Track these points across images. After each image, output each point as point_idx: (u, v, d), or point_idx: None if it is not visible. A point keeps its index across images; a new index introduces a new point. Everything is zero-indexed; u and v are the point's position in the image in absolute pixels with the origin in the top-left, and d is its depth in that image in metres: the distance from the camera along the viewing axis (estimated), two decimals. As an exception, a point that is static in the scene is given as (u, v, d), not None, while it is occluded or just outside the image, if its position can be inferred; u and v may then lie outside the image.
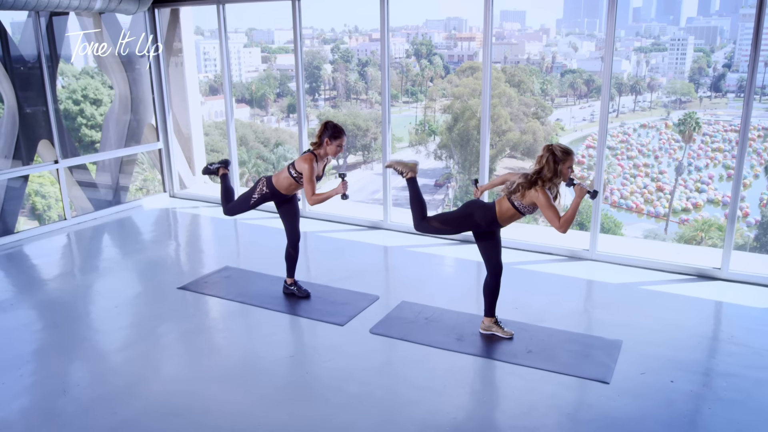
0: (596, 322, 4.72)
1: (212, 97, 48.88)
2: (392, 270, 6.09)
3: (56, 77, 7.28)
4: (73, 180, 8.04)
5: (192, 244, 6.95)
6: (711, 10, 52.44)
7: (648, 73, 49.39)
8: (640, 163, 40.49)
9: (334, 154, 4.64)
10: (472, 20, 58.92)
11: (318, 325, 4.72)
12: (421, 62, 52.66)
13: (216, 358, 4.34)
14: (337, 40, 56.52)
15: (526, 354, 4.21)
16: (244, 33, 58.58)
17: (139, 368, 4.15)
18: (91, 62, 30.35)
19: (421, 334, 4.50)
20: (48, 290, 5.56)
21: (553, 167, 3.94)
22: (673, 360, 4.08)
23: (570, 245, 6.00)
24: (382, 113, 6.55)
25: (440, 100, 46.36)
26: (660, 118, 45.84)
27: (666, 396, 3.70)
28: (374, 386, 3.92)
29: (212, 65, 52.04)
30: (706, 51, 48.54)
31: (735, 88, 44.75)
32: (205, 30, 52.39)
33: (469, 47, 54.79)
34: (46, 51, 6.82)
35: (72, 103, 30.64)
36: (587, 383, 3.85)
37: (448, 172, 39.97)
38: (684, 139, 38.96)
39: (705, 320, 4.77)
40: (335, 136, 4.60)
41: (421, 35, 55.74)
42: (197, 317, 4.95)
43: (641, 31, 51.90)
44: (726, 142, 41.32)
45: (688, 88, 47.11)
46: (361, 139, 43.87)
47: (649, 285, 5.30)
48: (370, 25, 55.80)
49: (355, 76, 52.51)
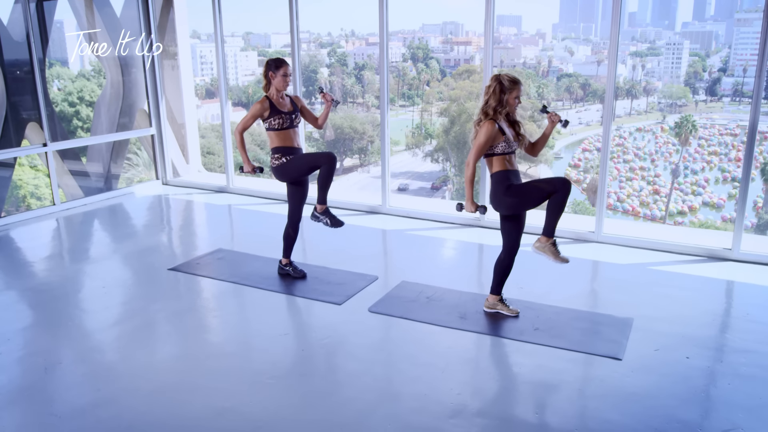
0: (605, 301, 4.53)
1: (208, 101, 48.63)
2: (391, 252, 5.89)
3: (45, 59, 7.06)
4: (64, 168, 7.83)
5: (184, 228, 6.74)
6: (706, 15, 52.53)
7: (644, 77, 49.46)
8: (636, 166, 40.46)
9: (283, 85, 4.51)
10: (468, 24, 58.94)
11: (314, 304, 4.52)
12: (418, 66, 52.59)
13: (206, 336, 4.13)
14: (334, 44, 56.43)
15: (533, 331, 4.01)
16: (241, 37, 58.45)
17: (124, 347, 3.94)
18: (87, 64, 30.17)
19: (423, 313, 4.30)
20: (34, 272, 5.34)
21: (498, 96, 3.81)
22: (687, 337, 3.89)
23: (575, 228, 5.81)
24: (381, 115, 6.40)
25: (437, 104, 46.31)
26: (656, 122, 45.88)
27: (682, 372, 3.51)
28: (373, 363, 3.72)
29: (209, 69, 51.86)
30: (701, 55, 48.62)
31: (730, 92, 44.81)
32: (201, 34, 52.24)
33: (465, 51, 54.79)
34: (35, 32, 6.62)
35: (68, 105, 30.43)
36: (598, 359, 3.66)
37: (444, 174, 39.86)
38: (680, 141, 38.95)
39: (718, 299, 4.59)
40: (278, 66, 4.48)
41: (417, 39, 55.67)
42: (188, 297, 4.74)
43: (637, 35, 52.00)
44: (722, 146, 41.35)
45: (683, 92, 47.17)
46: (358, 143, 43.71)
47: (657, 266, 5.11)
48: (367, 30, 55.71)
49: (352, 79, 52.41)
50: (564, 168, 41.40)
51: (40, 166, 14.39)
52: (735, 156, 39.32)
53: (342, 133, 43.09)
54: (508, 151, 3.89)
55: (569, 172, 40.23)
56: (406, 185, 40.13)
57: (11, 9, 6.88)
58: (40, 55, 6.76)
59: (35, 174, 16.61)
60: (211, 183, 7.97)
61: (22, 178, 15.44)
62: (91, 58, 30.31)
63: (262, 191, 7.47)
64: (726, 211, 34.82)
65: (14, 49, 6.68)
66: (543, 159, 40.19)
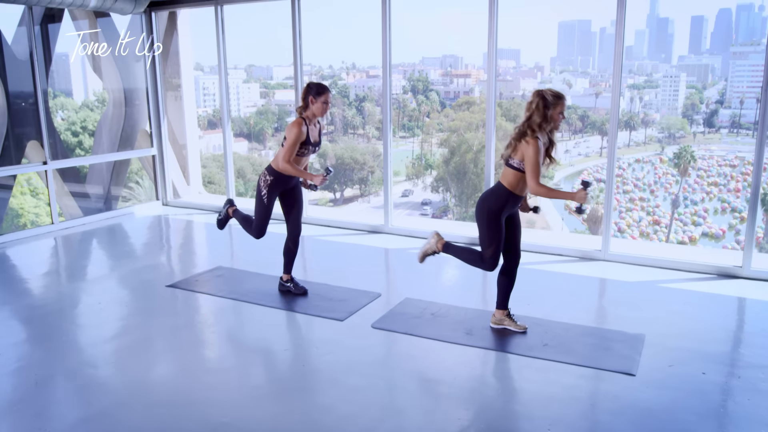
0: (615, 318, 4.41)
1: (211, 131, 48.92)
2: (394, 270, 5.78)
3: (48, 76, 7.05)
4: (64, 189, 7.76)
5: (184, 247, 6.63)
6: (702, 49, 53.30)
7: (642, 109, 49.89)
8: (636, 197, 40.50)
9: (321, 112, 4.38)
10: (467, 58, 59.72)
11: (315, 320, 4.39)
12: (418, 98, 53.09)
13: (203, 351, 4.00)
14: (335, 77, 57.07)
15: (542, 347, 3.88)
16: (243, 69, 59.12)
17: (118, 361, 3.80)
18: (91, 95, 30.43)
19: (428, 329, 4.18)
20: (28, 288, 5.23)
21: (543, 112, 3.67)
22: (702, 353, 3.76)
23: (581, 246, 5.72)
24: (383, 145, 6.39)
25: (437, 135, 46.58)
26: (655, 153, 46.10)
27: (698, 387, 3.37)
28: (377, 378, 3.58)
29: (211, 100, 52.30)
30: (698, 88, 49.14)
31: (728, 124, 45.13)
32: (205, 66, 52.84)
33: (465, 83, 55.41)
34: (38, 49, 6.64)
35: (71, 134, 30.59)
36: (611, 375, 3.52)
37: (444, 204, 39.85)
38: (680, 172, 39.06)
39: (730, 315, 4.46)
40: (319, 93, 4.36)
41: (417, 72, 56.33)
42: (185, 313, 4.62)
43: (634, 68, 52.62)
44: (721, 177, 41.46)
45: (681, 123, 47.52)
46: (358, 173, 43.83)
47: (667, 283, 5.00)
48: (368, 62, 56.42)
49: (353, 111, 52.83)
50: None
51: (41, 194, 14.25)
52: (734, 187, 39.42)
53: (343, 163, 43.24)
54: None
55: (569, 202, 40.17)
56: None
57: (15, 30, 6.90)
58: (42, 74, 6.75)
59: (36, 202, 16.50)
60: (211, 204, 7.89)
61: (24, 206, 15.32)
62: (95, 89, 30.52)
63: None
64: (726, 241, 34.72)
65: (17, 69, 6.68)
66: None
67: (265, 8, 63.89)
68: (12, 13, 6.59)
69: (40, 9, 6.75)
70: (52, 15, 6.99)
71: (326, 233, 6.65)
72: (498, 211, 3.81)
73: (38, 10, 6.73)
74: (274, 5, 6.89)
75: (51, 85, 12.95)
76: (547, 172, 4.94)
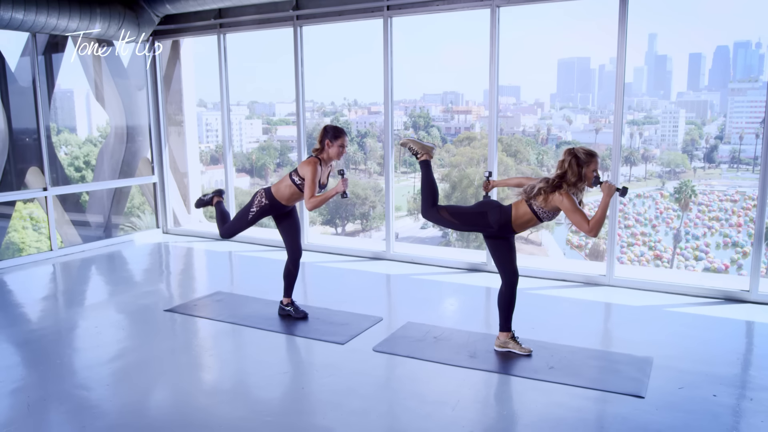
0: (621, 341, 4.31)
1: (213, 167, 49.25)
2: (396, 294, 5.70)
3: (50, 104, 7.09)
4: (65, 217, 7.73)
5: (183, 273, 6.56)
6: (700, 85, 53.93)
7: (641, 145, 50.20)
8: (638, 231, 40.41)
9: (337, 156, 4.37)
10: (468, 95, 60.42)
11: (316, 343, 4.30)
12: (419, 134, 53.55)
13: (201, 374, 3.90)
14: (337, 113, 57.68)
15: (547, 370, 3.78)
16: (246, 106, 59.82)
17: (113, 384, 3.71)
18: (95, 131, 30.72)
19: (430, 352, 4.09)
20: (24, 313, 5.15)
21: (576, 171, 3.65)
22: (712, 375, 3.66)
23: (585, 271, 5.64)
24: (385, 179, 6.42)
25: (438, 170, 46.80)
26: (655, 188, 46.20)
27: (709, 409, 3.27)
28: (378, 401, 3.48)
29: (214, 136, 52.78)
30: (697, 124, 49.53)
31: (728, 159, 45.33)
32: (208, 102, 53.49)
33: (465, 120, 55.91)
34: (41, 77, 6.70)
35: (74, 170, 30.80)
36: (619, 397, 3.42)
37: (446, 239, 39.78)
38: (681, 207, 39.06)
39: (739, 338, 4.37)
40: (336, 136, 4.35)
41: (419, 108, 56.97)
42: (183, 337, 4.53)
43: (633, 104, 53.18)
44: (722, 211, 41.44)
45: (681, 159, 47.75)
46: (360, 208, 43.90)
47: (673, 307, 4.91)
48: (369, 99, 57.07)
49: (354, 146, 53.25)
50: (565, 234, 41.36)
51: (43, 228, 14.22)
52: (736, 222, 39.34)
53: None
54: (545, 218, 3.77)
55: (571, 237, 40.16)
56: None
57: (18, 59, 6.96)
58: (45, 101, 6.80)
59: (38, 236, 16.41)
60: (212, 232, 7.85)
61: (25, 241, 15.24)
62: (99, 125, 30.79)
63: (264, 239, 7.35)
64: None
65: (20, 95, 6.73)
66: (545, 225, 40.26)
67: (268, 48, 64.96)
68: (16, 41, 6.67)
69: (44, 37, 6.83)
70: (56, 43, 7.08)
71: (327, 260, 6.59)
72: (490, 222, 3.83)
73: (42, 39, 6.81)
74: (276, 43, 7.01)
75: (55, 121, 13.12)
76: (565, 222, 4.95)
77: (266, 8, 6.68)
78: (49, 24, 6.13)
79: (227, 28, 7.05)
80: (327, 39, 57.00)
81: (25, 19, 5.93)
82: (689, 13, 56.17)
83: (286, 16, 6.59)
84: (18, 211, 11.18)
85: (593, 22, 59.66)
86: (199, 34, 7.34)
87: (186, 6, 6.70)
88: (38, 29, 6.17)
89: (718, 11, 56.85)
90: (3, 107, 6.68)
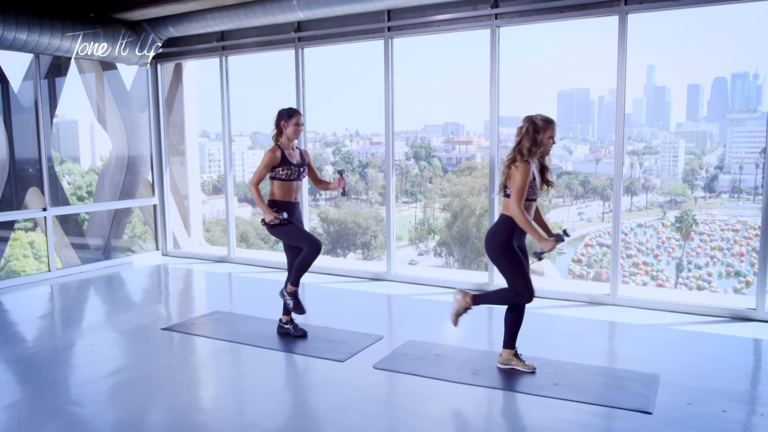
0: (627, 358, 4.22)
1: (215, 196, 49.37)
2: (397, 314, 5.61)
3: (52, 125, 7.10)
4: (65, 240, 7.69)
5: (183, 293, 6.49)
6: (699, 116, 54.32)
7: (642, 175, 50.34)
8: (639, 261, 40.25)
9: (294, 134, 4.43)
10: (468, 125, 60.81)
11: (315, 361, 4.21)
12: (420, 164, 53.79)
13: (197, 390, 3.82)
14: (339, 143, 58.03)
15: (552, 386, 3.69)
16: (249, 137, 60.27)
17: (105, 400, 3.62)
18: (98, 161, 30.88)
19: (432, 369, 4.00)
20: (18, 331, 5.07)
21: (532, 136, 3.65)
22: (720, 392, 3.57)
23: (589, 291, 5.57)
24: (386, 209, 6.40)
25: (439, 200, 46.86)
26: (657, 218, 46.15)
27: (720, 425, 3.17)
28: (379, 417, 3.39)
29: (216, 166, 53.03)
30: (697, 154, 49.75)
31: (728, 189, 45.38)
32: (210, 133, 53.88)
33: (466, 150, 56.18)
34: (44, 97, 6.73)
35: (77, 199, 30.91)
36: (626, 413, 3.33)
37: (448, 269, 39.61)
38: (682, 236, 38.97)
39: (747, 355, 4.27)
40: (290, 116, 4.42)
41: (420, 139, 57.32)
42: (180, 354, 4.44)
43: (633, 135, 53.51)
44: (724, 241, 41.32)
45: (682, 188, 47.81)
46: (361, 237, 43.83)
47: (679, 326, 4.82)
48: (371, 130, 57.47)
49: (356, 176, 53.45)
50: (567, 263, 41.21)
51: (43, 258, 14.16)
52: (738, 251, 39.18)
53: (346, 228, 43.30)
54: (531, 197, 3.74)
55: (572, 267, 40.00)
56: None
57: (23, 75, 6.98)
58: (47, 122, 6.82)
59: (39, 265, 16.28)
60: (212, 253, 7.80)
61: (26, 269, 15.14)
62: (102, 155, 30.96)
63: (265, 260, 7.29)
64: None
65: (22, 115, 6.75)
66: (546, 255, 40.12)
67: (269, 78, 65.82)
68: (20, 63, 6.72)
69: (47, 60, 6.87)
70: (59, 65, 7.13)
71: (326, 280, 6.52)
72: (508, 241, 3.73)
73: (45, 61, 6.84)
74: (277, 73, 7.05)
75: (58, 150, 13.10)
76: (547, 197, 4.93)
77: (268, 30, 6.75)
78: (52, 45, 6.19)
79: (229, 50, 7.11)
80: (328, 69, 57.63)
81: (29, 40, 5.98)
82: (686, 46, 56.91)
83: (288, 38, 6.65)
84: (19, 239, 11.16)
85: (592, 54, 60.41)
86: (202, 56, 7.40)
87: (189, 29, 6.77)
88: (41, 50, 6.22)
89: (714, 43, 57.61)
90: (5, 128, 6.70)
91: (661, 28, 57.40)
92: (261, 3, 6.17)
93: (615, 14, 5.16)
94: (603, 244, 41.15)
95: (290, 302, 4.58)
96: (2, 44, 5.90)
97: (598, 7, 5.21)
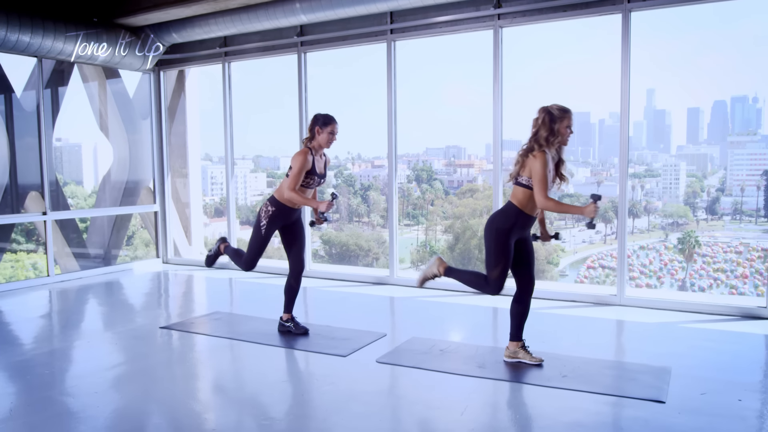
0: (637, 352, 4.11)
1: (217, 219, 49.46)
2: (400, 313, 5.51)
3: (53, 129, 7.07)
4: (65, 250, 7.61)
5: (183, 296, 6.39)
6: (699, 139, 54.46)
7: (643, 197, 50.30)
8: (643, 283, 39.99)
9: (327, 143, 4.31)
10: (470, 149, 60.98)
11: (316, 356, 4.11)
12: (422, 187, 53.91)
13: (195, 382, 3.72)
14: (341, 167, 58.24)
15: (561, 378, 3.59)
16: (251, 160, 60.59)
17: (102, 391, 3.51)
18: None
19: (437, 363, 3.89)
20: (13, 330, 4.97)
21: (549, 126, 3.57)
22: (734, 383, 3.46)
23: (596, 292, 5.48)
24: (388, 208, 6.35)
25: (441, 222, 46.77)
26: (659, 240, 45.98)
27: (736, 413, 3.07)
28: (382, 407, 3.28)
29: (219, 189, 53.24)
30: (698, 176, 49.76)
31: (730, 211, 45.27)
32: (213, 156, 54.21)
33: (468, 173, 56.25)
34: (46, 102, 6.72)
35: (79, 221, 30.99)
36: (638, 402, 3.22)
37: (449, 290, 39.32)
38: (685, 257, 38.78)
39: (759, 350, 4.17)
40: (326, 123, 4.29)
41: (422, 162, 57.53)
42: (179, 350, 4.34)
43: (634, 158, 53.61)
44: (728, 263, 41.07)
45: (684, 211, 47.72)
46: (363, 259, 43.68)
47: (688, 323, 4.72)
48: (373, 153, 57.71)
49: (358, 199, 53.52)
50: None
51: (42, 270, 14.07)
52: (741, 273, 38.93)
53: (348, 249, 43.15)
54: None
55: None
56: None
57: (26, 79, 6.98)
58: (49, 126, 6.80)
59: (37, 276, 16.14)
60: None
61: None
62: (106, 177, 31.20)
63: (266, 266, 7.20)
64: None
65: (24, 120, 6.73)
66: (548, 276, 39.91)
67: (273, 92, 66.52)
68: (23, 68, 6.73)
69: (50, 65, 6.86)
70: (61, 71, 7.14)
71: (329, 285, 6.43)
72: (507, 230, 3.65)
73: (48, 67, 6.82)
74: (279, 91, 7.05)
75: (61, 173, 13.08)
76: (558, 191, 4.83)
77: (271, 35, 6.77)
78: (55, 48, 6.20)
79: (232, 56, 7.13)
80: (329, 93, 58.08)
81: (32, 42, 5.99)
82: (686, 69, 57.29)
83: (291, 42, 6.67)
84: (20, 261, 11.09)
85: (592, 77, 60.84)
86: (205, 63, 7.41)
87: (192, 34, 6.79)
88: (44, 53, 6.23)
89: (714, 67, 58.02)
90: (7, 132, 6.67)
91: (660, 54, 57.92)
92: (264, 6, 6.19)
93: (618, 12, 5.16)
94: (605, 266, 40.94)
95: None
96: (5, 46, 5.91)
97: (601, 5, 5.21)
